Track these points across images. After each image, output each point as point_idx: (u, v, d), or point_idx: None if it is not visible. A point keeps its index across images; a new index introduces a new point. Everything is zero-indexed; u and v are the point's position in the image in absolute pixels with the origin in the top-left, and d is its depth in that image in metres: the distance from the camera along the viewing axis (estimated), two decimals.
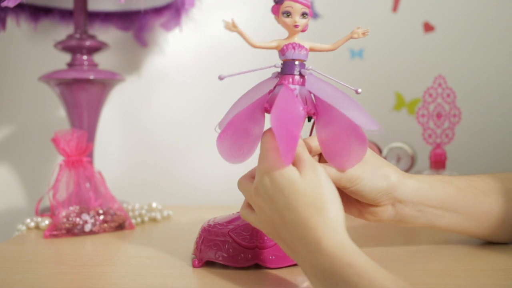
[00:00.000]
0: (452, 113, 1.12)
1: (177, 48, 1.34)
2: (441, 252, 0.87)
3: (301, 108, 0.70)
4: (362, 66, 1.34)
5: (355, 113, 0.69)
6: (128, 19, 1.31)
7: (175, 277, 0.76)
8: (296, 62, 0.72)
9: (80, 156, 1.03)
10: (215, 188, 1.30)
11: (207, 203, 1.33)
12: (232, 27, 0.68)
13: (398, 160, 1.18)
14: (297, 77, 0.71)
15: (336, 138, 0.71)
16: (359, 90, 0.73)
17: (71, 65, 1.16)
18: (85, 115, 1.17)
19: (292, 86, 0.71)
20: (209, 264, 0.80)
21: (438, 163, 1.11)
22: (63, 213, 0.99)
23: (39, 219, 1.04)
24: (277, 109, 0.67)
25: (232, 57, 1.29)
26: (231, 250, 0.78)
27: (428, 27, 1.32)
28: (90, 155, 1.17)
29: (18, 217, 1.34)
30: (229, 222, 0.81)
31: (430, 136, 1.13)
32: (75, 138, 1.02)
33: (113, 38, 1.32)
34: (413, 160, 1.18)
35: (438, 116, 1.13)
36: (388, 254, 0.87)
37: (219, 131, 0.77)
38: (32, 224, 1.04)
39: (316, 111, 0.71)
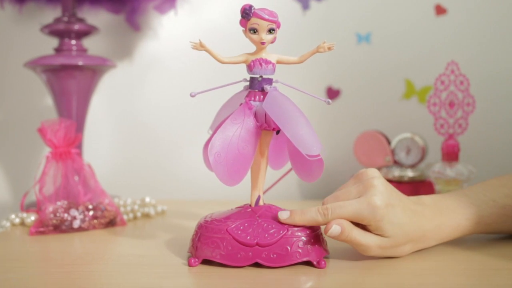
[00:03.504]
0: (465, 102, 1.12)
1: (172, 32, 1.34)
2: (452, 250, 0.87)
3: (252, 124, 0.79)
4: (370, 52, 1.33)
5: (297, 137, 0.76)
6: (120, 1, 1.30)
7: (170, 277, 0.75)
8: (260, 79, 0.80)
9: (68, 148, 1.02)
10: (213, 182, 1.29)
11: (204, 198, 1.33)
12: (199, 46, 0.78)
13: (408, 152, 1.18)
14: (259, 94, 0.80)
15: (298, 152, 0.77)
16: (330, 102, 0.79)
17: (58, 50, 1.16)
18: (73, 103, 1.16)
19: (253, 103, 0.80)
20: (206, 263, 0.79)
21: (450, 155, 1.11)
22: (50, 209, 0.99)
23: (25, 215, 1.04)
24: (218, 135, 0.77)
25: (230, 42, 1.28)
26: (229, 247, 0.78)
27: (440, 10, 1.32)
28: (79, 146, 1.17)
29: (2, 213, 1.34)
30: (228, 218, 0.81)
31: (442, 126, 1.13)
32: (63, 128, 1.01)
33: (103, 21, 1.32)
34: (424, 152, 1.18)
35: (451, 104, 1.13)
36: None
37: (210, 132, 0.85)
38: (17, 220, 1.04)
39: (277, 126, 0.78)
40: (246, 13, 0.78)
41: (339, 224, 0.77)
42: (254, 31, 0.78)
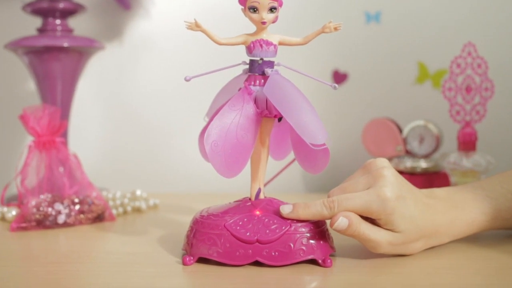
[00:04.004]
0: (483, 86, 1.12)
1: (165, 11, 1.34)
2: (467, 247, 0.87)
3: (252, 111, 0.79)
4: (380, 32, 1.33)
5: (301, 124, 0.76)
6: None
7: (163, 276, 0.75)
8: (260, 61, 0.80)
9: (52, 136, 1.02)
10: (209, 174, 1.29)
11: (199, 191, 1.33)
12: (195, 27, 0.78)
13: (421, 141, 1.18)
14: (259, 78, 0.80)
15: (302, 141, 0.77)
16: (336, 86, 0.79)
17: (42, 30, 1.15)
18: (58, 88, 1.16)
19: (253, 88, 0.80)
20: (202, 261, 0.79)
21: (467, 144, 1.11)
22: (33, 202, 0.99)
23: (5, 209, 1.04)
24: (215, 122, 0.77)
25: (228, 22, 1.28)
26: (227, 245, 0.78)
27: None
28: (64, 135, 1.17)
29: None
30: (225, 212, 0.81)
31: (458, 113, 1.13)
32: (47, 115, 1.01)
33: None
34: (438, 141, 1.18)
35: (468, 89, 1.12)
36: None
37: (207, 119, 0.85)
38: None
39: (279, 112, 0.78)
40: None
41: (347, 216, 0.77)
42: (254, 9, 0.78)
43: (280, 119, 0.81)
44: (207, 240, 0.79)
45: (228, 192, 1.27)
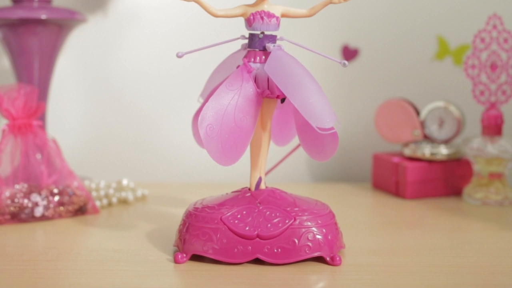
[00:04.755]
0: (510, 63, 1.12)
1: None
2: (495, 244, 0.87)
3: (252, 90, 0.79)
4: (394, 3, 1.33)
5: (307, 106, 0.75)
6: None
7: (152, 276, 0.75)
8: (261, 36, 0.80)
9: (29, 119, 1.02)
10: (204, 161, 1.30)
11: (193, 180, 1.33)
12: None
13: (440, 125, 1.18)
14: (260, 54, 0.80)
15: (307, 125, 0.76)
16: (346, 63, 0.79)
17: (17, 1, 1.15)
18: (35, 66, 1.16)
19: (253, 65, 0.80)
20: (196, 259, 0.80)
21: (492, 128, 1.11)
22: (7, 193, 0.99)
23: None
24: (210, 104, 0.77)
25: None
26: (224, 240, 0.78)
27: None
28: (42, 117, 1.17)
29: None
30: (222, 204, 0.81)
31: (482, 93, 1.13)
32: (23, 96, 1.01)
33: None
34: (460, 124, 1.17)
35: (493, 67, 1.12)
36: (428, 244, 0.88)
37: (201, 101, 0.86)
38: None
39: (282, 93, 0.78)
40: None
41: None
42: None
43: (283, 100, 0.81)
44: (202, 235, 0.79)
45: (225, 181, 1.27)
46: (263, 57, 0.80)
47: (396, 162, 1.17)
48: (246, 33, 0.81)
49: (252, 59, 0.80)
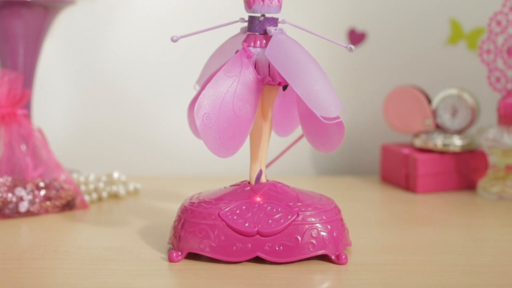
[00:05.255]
0: None
1: None
2: (508, 243, 0.87)
3: (252, 77, 0.78)
4: None
5: (311, 93, 0.75)
6: None
7: (145, 275, 0.75)
8: (262, 18, 0.80)
9: (13, 108, 1.02)
10: (200, 153, 1.30)
11: (189, 173, 1.34)
12: None
13: (454, 114, 1.18)
14: (260, 38, 0.80)
15: (311, 114, 0.76)
16: (353, 48, 0.79)
17: None
18: (20, 51, 1.16)
19: (252, 50, 0.80)
20: (192, 257, 0.80)
21: (509, 117, 1.11)
22: None
23: None
24: (208, 91, 0.77)
25: None
26: (222, 237, 0.78)
27: None
28: (27, 106, 1.16)
29: None
30: (220, 199, 0.81)
31: (498, 80, 1.13)
32: (6, 83, 1.01)
33: None
34: (474, 113, 1.17)
35: (510, 52, 1.12)
36: (440, 242, 0.88)
37: (198, 88, 0.86)
38: None
39: (284, 79, 0.78)
40: None
41: None
42: None
43: (285, 88, 0.81)
44: (198, 232, 0.79)
45: (223, 174, 1.27)
46: (264, 41, 0.80)
47: (406, 154, 1.17)
48: (246, 15, 0.81)
49: (252, 44, 0.80)
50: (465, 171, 1.17)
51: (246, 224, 0.78)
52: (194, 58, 1.06)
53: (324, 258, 0.79)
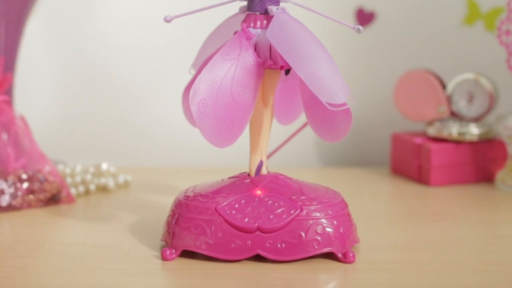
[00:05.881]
0: None
1: None
2: None
3: (251, 60, 0.78)
4: None
5: (315, 78, 0.75)
6: None
7: (136, 275, 0.75)
8: None
9: None
10: (196, 143, 1.30)
11: (183, 165, 1.34)
12: None
13: (470, 100, 1.18)
14: (260, 18, 0.80)
15: (316, 100, 0.76)
16: (361, 29, 0.78)
17: None
18: (0, 32, 1.15)
19: (252, 31, 0.80)
20: (187, 255, 0.79)
21: None
22: None
23: None
24: (204, 76, 0.76)
25: None
26: (219, 234, 0.78)
27: None
28: (9, 92, 1.16)
29: None
30: (217, 192, 0.81)
31: None
32: None
33: None
34: (492, 99, 1.17)
35: None
36: (456, 239, 0.88)
37: (193, 72, 0.86)
38: None
39: (286, 63, 0.78)
40: None
41: None
42: None
43: (287, 72, 0.81)
44: (194, 228, 0.79)
45: (221, 166, 1.27)
46: (265, 21, 0.80)
47: (418, 144, 1.17)
48: None
49: (252, 24, 0.80)
50: (482, 162, 1.17)
51: (246, 220, 0.77)
52: (189, 40, 1.06)
53: (330, 256, 0.79)
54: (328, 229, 0.78)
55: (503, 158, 1.17)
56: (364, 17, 1.33)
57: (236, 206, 0.79)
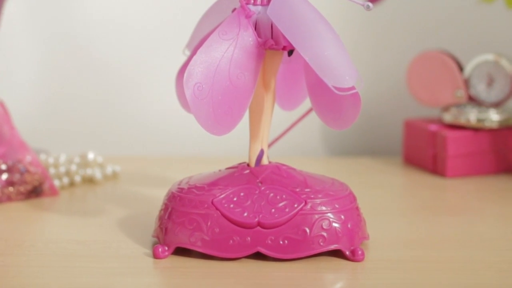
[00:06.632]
0: None
1: None
2: None
3: (251, 40, 0.78)
4: None
5: (321, 60, 0.75)
6: None
7: (125, 274, 0.75)
8: None
9: None
10: (191, 130, 1.30)
11: (177, 154, 1.34)
12: None
13: (489, 83, 1.18)
14: None
15: (322, 84, 0.75)
16: (370, 6, 0.77)
17: None
18: None
19: (252, 8, 0.79)
20: (180, 253, 0.80)
21: None
22: None
23: None
24: (199, 57, 0.76)
25: None
26: (216, 230, 0.78)
27: None
28: None
29: None
30: (214, 184, 0.81)
31: None
32: None
33: None
34: None
35: None
36: (474, 235, 0.88)
37: (188, 53, 0.86)
38: None
39: (289, 43, 0.78)
40: None
41: None
42: None
43: (290, 53, 0.81)
44: (188, 224, 0.78)
45: (218, 155, 1.27)
46: None
47: (433, 131, 1.17)
48: None
49: (252, 1, 0.79)
50: (503, 151, 1.17)
51: (245, 214, 0.77)
52: (184, 18, 1.06)
53: (337, 254, 0.79)
54: (335, 225, 0.78)
55: None
56: None
57: (235, 199, 0.79)
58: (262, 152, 0.83)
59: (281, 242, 0.77)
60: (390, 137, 1.33)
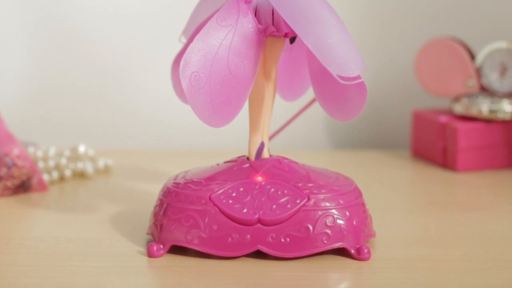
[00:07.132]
0: None
1: None
2: None
3: (251, 27, 0.78)
4: None
5: (325, 47, 0.75)
6: None
7: (118, 274, 0.75)
8: None
9: None
10: (187, 122, 1.30)
11: (172, 147, 1.34)
12: None
13: (502, 72, 1.18)
14: None
15: (326, 73, 0.75)
16: None
17: None
18: None
19: None
20: (176, 251, 0.80)
21: None
22: None
23: None
24: (196, 45, 0.76)
25: None
26: (214, 227, 0.78)
27: None
28: None
29: None
30: (211, 179, 0.81)
31: None
32: None
33: None
34: None
35: None
36: (487, 232, 0.88)
37: (184, 41, 0.86)
38: None
39: (291, 30, 0.78)
40: None
41: None
42: None
43: (292, 40, 0.81)
44: (185, 220, 0.79)
45: (216, 148, 1.27)
46: None
47: (443, 123, 1.17)
48: None
49: None
50: None
51: (244, 210, 0.78)
52: (180, 3, 1.06)
53: (342, 252, 0.79)
54: (340, 221, 0.78)
55: None
56: None
57: (234, 194, 0.79)
58: (262, 145, 0.83)
59: (282, 240, 0.77)
60: (398, 129, 1.33)
